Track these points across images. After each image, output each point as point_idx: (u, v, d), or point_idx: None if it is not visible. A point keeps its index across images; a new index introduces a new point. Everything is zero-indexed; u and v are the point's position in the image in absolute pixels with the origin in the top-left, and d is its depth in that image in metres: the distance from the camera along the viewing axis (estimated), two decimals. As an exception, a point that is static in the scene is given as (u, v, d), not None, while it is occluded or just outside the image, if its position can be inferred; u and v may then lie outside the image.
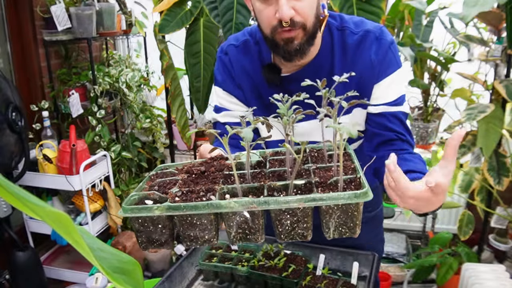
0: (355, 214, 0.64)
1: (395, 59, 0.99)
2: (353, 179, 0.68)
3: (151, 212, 0.66)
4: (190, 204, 0.65)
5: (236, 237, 0.67)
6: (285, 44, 0.93)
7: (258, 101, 1.07)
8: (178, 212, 0.65)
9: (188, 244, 0.69)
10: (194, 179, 0.76)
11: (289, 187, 0.67)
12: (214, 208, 0.64)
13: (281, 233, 0.67)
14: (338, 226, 0.65)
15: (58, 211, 0.20)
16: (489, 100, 2.01)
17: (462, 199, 2.35)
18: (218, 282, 1.08)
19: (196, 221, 0.67)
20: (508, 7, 1.70)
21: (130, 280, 0.20)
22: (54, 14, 2.24)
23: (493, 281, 1.59)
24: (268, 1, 0.90)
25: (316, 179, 0.68)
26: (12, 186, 0.21)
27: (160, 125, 2.83)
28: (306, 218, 0.65)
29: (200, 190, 0.69)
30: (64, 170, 2.04)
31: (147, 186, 0.77)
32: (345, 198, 0.61)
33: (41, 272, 2.10)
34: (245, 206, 0.63)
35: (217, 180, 0.73)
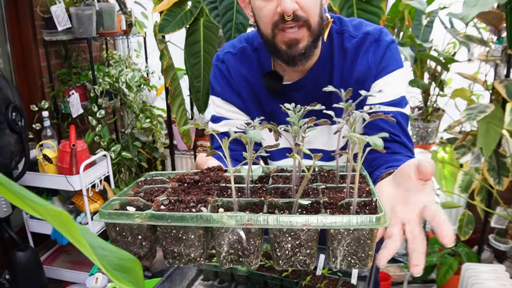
0: (368, 243, 0.54)
1: (394, 59, 0.96)
2: (368, 203, 0.58)
3: (131, 220, 0.57)
4: (177, 214, 0.55)
5: (227, 259, 0.58)
6: (288, 48, 0.88)
7: (258, 109, 1.04)
8: (162, 222, 0.56)
9: (171, 262, 0.60)
10: (186, 188, 0.67)
11: (293, 206, 0.58)
12: (203, 222, 0.54)
13: (279, 258, 0.57)
14: (347, 256, 0.56)
15: (59, 209, 0.20)
16: (489, 100, 2.01)
17: (462, 199, 2.35)
18: (218, 282, 1.08)
19: (182, 235, 0.57)
20: (508, 7, 1.70)
21: (131, 277, 0.20)
22: (54, 14, 2.24)
23: (493, 281, 1.59)
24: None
25: (325, 199, 0.59)
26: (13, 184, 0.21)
27: (160, 125, 2.83)
28: (311, 243, 0.56)
29: (191, 200, 0.60)
30: (64, 170, 2.04)
31: (133, 192, 0.68)
32: (358, 223, 0.52)
33: (41, 272, 2.10)
34: (240, 222, 0.54)
35: (211, 191, 0.64)
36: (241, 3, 0.97)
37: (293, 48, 0.87)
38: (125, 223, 0.58)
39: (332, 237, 0.55)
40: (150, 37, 2.67)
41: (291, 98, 0.99)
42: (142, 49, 3.05)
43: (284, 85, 0.99)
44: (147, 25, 2.79)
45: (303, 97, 0.99)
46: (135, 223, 0.58)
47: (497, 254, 2.29)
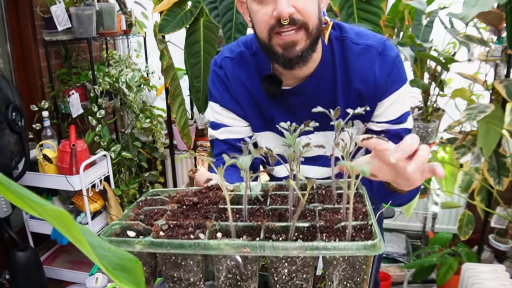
0: (363, 268, 0.56)
1: (400, 76, 0.93)
2: (363, 226, 0.59)
3: (131, 247, 0.58)
4: (175, 241, 0.57)
5: (225, 283, 0.60)
6: (285, 50, 0.86)
7: (257, 115, 1.02)
8: (161, 249, 0.57)
9: (171, 286, 0.62)
10: (185, 210, 0.68)
11: (289, 230, 0.59)
12: (201, 249, 0.56)
13: (276, 282, 0.58)
14: (342, 280, 0.57)
15: (59, 209, 0.20)
16: (489, 100, 2.01)
17: (462, 199, 2.35)
18: (218, 282, 1.08)
19: (181, 261, 0.59)
20: (508, 7, 1.70)
21: (131, 277, 0.20)
22: (54, 14, 2.24)
23: (493, 281, 1.59)
24: (265, 1, 0.84)
25: (321, 223, 0.60)
26: (13, 184, 0.21)
27: (160, 125, 2.83)
28: (307, 268, 0.57)
29: (189, 225, 0.61)
30: (64, 170, 2.04)
31: (133, 213, 0.70)
32: (352, 249, 0.53)
33: (41, 272, 2.10)
34: (237, 249, 0.55)
35: (209, 214, 0.65)
36: (240, 8, 0.95)
37: (289, 50, 0.85)
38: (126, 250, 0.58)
39: (328, 262, 0.56)
40: (150, 37, 2.67)
41: (290, 104, 0.98)
42: (142, 49, 3.05)
43: (284, 90, 0.97)
44: (147, 25, 2.79)
45: (302, 103, 0.97)
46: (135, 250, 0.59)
47: (497, 254, 2.29)
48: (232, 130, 1.03)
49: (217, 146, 1.05)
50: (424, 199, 2.46)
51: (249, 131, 1.06)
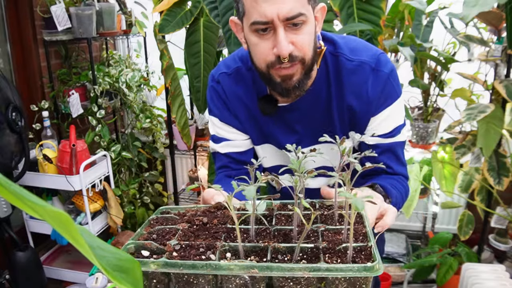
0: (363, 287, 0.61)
1: (393, 90, 0.94)
2: (363, 248, 0.64)
3: (147, 267, 0.63)
4: (188, 262, 0.62)
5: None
6: (283, 81, 0.88)
7: (256, 130, 1.04)
8: (175, 269, 0.62)
9: None
10: (195, 230, 0.73)
11: (294, 251, 0.64)
12: (212, 269, 0.61)
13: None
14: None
15: (58, 210, 0.20)
16: (489, 100, 2.01)
17: (462, 199, 2.35)
18: (218, 282, 1.08)
19: (193, 280, 0.64)
20: (508, 7, 1.70)
21: (129, 278, 0.20)
22: (54, 14, 2.24)
23: (493, 281, 1.59)
24: (265, 36, 0.84)
25: (324, 245, 0.65)
26: (12, 185, 0.21)
27: (160, 125, 2.83)
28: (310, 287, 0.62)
29: (200, 245, 0.66)
30: (64, 170, 2.04)
31: (146, 232, 0.74)
32: (353, 271, 0.58)
33: (41, 272, 2.10)
34: (246, 270, 0.60)
35: (219, 234, 0.71)
36: (233, 27, 0.95)
37: (287, 82, 0.87)
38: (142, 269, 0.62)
39: (330, 282, 0.60)
40: (150, 37, 2.67)
41: (287, 120, 1.00)
42: (142, 49, 3.05)
43: (280, 107, 0.99)
44: (147, 25, 2.79)
45: (298, 118, 0.99)
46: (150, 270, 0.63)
47: (497, 254, 2.30)
48: (233, 144, 1.06)
49: (219, 160, 1.09)
50: (424, 199, 2.46)
51: (250, 143, 1.09)
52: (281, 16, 0.81)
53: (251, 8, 0.84)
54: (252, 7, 0.84)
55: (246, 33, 0.89)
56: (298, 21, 0.83)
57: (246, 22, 0.87)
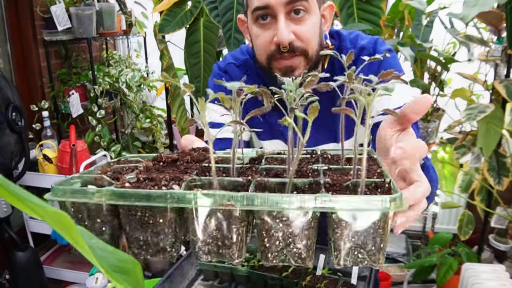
0: (379, 233, 0.43)
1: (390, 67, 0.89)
2: (380, 184, 0.47)
3: (88, 198, 0.47)
4: (141, 191, 0.45)
5: (203, 250, 0.48)
6: (284, 75, 0.85)
7: (263, 124, 1.02)
8: (124, 201, 0.45)
9: (136, 253, 0.49)
10: (160, 167, 0.56)
11: (286, 187, 0.47)
12: (174, 201, 0.44)
13: (268, 250, 0.46)
14: (353, 249, 0.45)
15: (58, 211, 0.20)
16: (489, 100, 2.01)
17: (462, 199, 2.35)
18: (218, 282, 1.08)
19: (149, 218, 0.47)
20: (508, 7, 1.70)
21: (130, 279, 0.20)
22: (54, 14, 2.24)
23: (493, 281, 1.59)
24: (266, 25, 0.83)
25: (327, 180, 0.48)
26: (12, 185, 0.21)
27: (160, 125, 2.83)
28: (307, 231, 0.45)
29: (163, 178, 0.49)
30: (64, 170, 2.04)
31: (100, 171, 0.57)
32: (368, 205, 0.42)
33: (41, 272, 2.10)
34: (219, 202, 0.44)
35: (190, 170, 0.54)
36: (240, 26, 0.95)
37: (288, 75, 0.84)
38: (81, 202, 0.48)
39: (334, 225, 0.45)
40: (150, 37, 2.67)
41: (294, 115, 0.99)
42: (142, 49, 3.05)
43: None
44: (147, 25, 2.79)
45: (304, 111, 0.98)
46: (93, 202, 0.47)
47: (497, 254, 2.30)
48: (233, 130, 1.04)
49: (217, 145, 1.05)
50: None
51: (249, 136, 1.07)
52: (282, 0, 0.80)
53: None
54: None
55: (249, 26, 0.88)
56: (299, 7, 0.82)
57: (249, 13, 0.87)
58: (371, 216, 0.43)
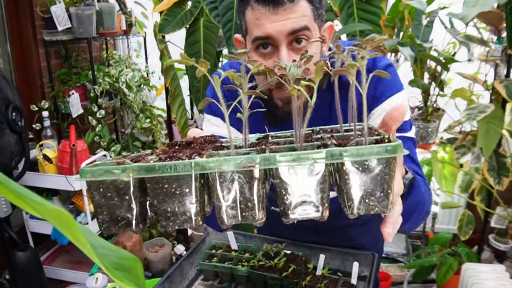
0: (386, 179, 0.49)
1: (390, 83, 0.91)
2: (380, 140, 0.54)
3: (117, 175, 0.51)
4: (168, 163, 0.49)
5: (228, 213, 0.52)
6: (285, 104, 0.85)
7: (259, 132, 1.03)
8: (152, 174, 0.50)
9: (164, 224, 0.53)
10: (177, 150, 0.60)
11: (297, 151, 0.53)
12: (199, 168, 0.49)
13: (288, 207, 0.51)
14: (364, 197, 0.50)
15: (59, 209, 0.20)
16: (489, 100, 2.01)
17: (462, 199, 2.35)
18: (218, 282, 1.08)
19: (175, 189, 0.51)
20: (508, 7, 1.70)
21: (131, 276, 0.20)
22: (54, 14, 2.24)
23: (493, 281, 1.59)
24: (267, 54, 0.83)
25: (333, 141, 0.54)
26: (13, 184, 0.21)
27: (160, 125, 2.83)
28: (322, 185, 0.50)
29: (184, 155, 0.53)
30: (64, 170, 2.04)
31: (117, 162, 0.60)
32: (375, 152, 0.47)
33: (41, 272, 2.10)
34: (241, 165, 0.48)
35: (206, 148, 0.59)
36: (237, 46, 0.93)
37: (289, 105, 0.84)
38: (111, 180, 0.52)
39: (345, 176, 0.50)
40: (150, 37, 2.67)
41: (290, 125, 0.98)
42: (142, 49, 3.05)
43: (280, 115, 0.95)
44: (147, 25, 2.79)
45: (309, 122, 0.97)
46: (122, 180, 0.51)
47: (497, 254, 2.30)
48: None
49: None
50: (424, 199, 2.46)
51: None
52: (284, 32, 0.79)
53: (253, 26, 0.82)
54: (254, 24, 0.82)
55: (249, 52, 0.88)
56: (302, 36, 0.81)
57: (249, 39, 0.86)
58: (378, 163, 0.49)
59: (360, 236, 1.14)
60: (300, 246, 1.11)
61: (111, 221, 0.54)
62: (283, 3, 0.79)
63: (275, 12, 0.79)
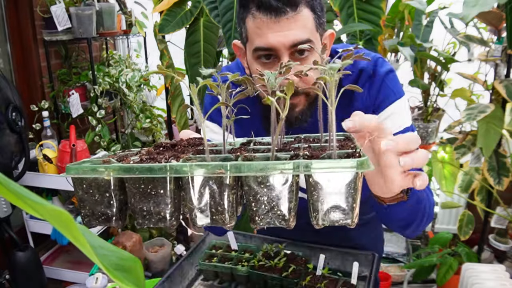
0: (351, 193, 0.50)
1: (391, 90, 0.90)
2: (351, 154, 0.54)
3: (98, 173, 0.54)
4: (145, 165, 0.52)
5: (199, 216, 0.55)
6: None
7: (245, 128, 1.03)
8: (130, 174, 0.52)
9: (140, 222, 0.56)
10: (161, 151, 0.63)
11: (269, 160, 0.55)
12: (172, 172, 0.51)
13: (255, 213, 0.52)
14: (328, 210, 0.51)
15: (59, 209, 0.20)
16: (489, 100, 2.01)
17: (462, 199, 2.35)
18: (218, 282, 1.08)
19: (151, 190, 0.54)
20: (508, 7, 1.70)
21: (131, 276, 0.20)
22: (54, 14, 2.24)
23: (493, 281, 1.59)
24: (268, 64, 0.82)
25: (305, 153, 0.54)
26: (13, 184, 0.21)
27: (160, 125, 2.83)
28: (289, 195, 0.51)
29: (163, 157, 0.56)
30: (64, 170, 2.04)
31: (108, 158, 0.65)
32: (339, 166, 0.48)
33: (41, 272, 2.10)
34: (211, 171, 0.50)
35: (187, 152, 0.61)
36: (236, 51, 0.92)
37: (289, 113, 0.82)
38: (92, 177, 0.55)
39: (311, 188, 0.51)
40: (150, 37, 2.67)
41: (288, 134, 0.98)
42: (142, 49, 3.05)
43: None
44: (147, 25, 2.79)
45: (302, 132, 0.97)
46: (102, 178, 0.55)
47: (497, 254, 2.30)
48: None
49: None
50: (424, 199, 2.46)
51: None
52: (286, 43, 0.78)
53: (254, 35, 0.81)
54: (255, 33, 0.80)
55: (248, 60, 0.86)
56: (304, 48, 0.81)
57: (249, 47, 0.84)
58: (343, 177, 0.50)
59: (360, 236, 1.14)
60: (300, 246, 1.11)
61: (92, 216, 0.58)
62: (286, 12, 0.77)
63: (277, 21, 0.78)
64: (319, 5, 0.82)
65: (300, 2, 0.78)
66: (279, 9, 0.77)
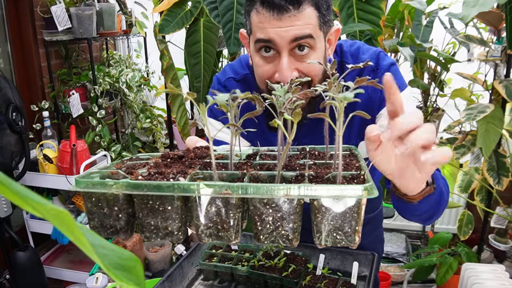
0: (354, 217, 0.51)
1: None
2: (356, 176, 0.55)
3: (107, 189, 0.54)
4: (153, 183, 0.52)
5: (205, 232, 0.55)
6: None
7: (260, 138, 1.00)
8: (138, 191, 0.53)
9: (147, 236, 0.57)
10: (168, 163, 0.64)
11: (275, 179, 0.56)
12: (180, 191, 0.52)
13: (260, 232, 0.54)
14: (332, 231, 0.52)
15: (60, 208, 0.20)
16: (489, 100, 2.01)
17: (462, 199, 2.36)
18: (218, 282, 1.08)
19: (159, 206, 0.55)
20: (508, 7, 1.70)
21: (131, 276, 0.21)
22: (54, 14, 2.24)
23: (493, 281, 1.59)
24: (268, 58, 0.83)
25: (311, 172, 0.56)
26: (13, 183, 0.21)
27: (160, 125, 2.83)
28: (293, 216, 0.53)
29: (171, 172, 0.57)
30: (64, 170, 2.04)
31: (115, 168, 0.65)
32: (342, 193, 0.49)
33: (42, 272, 2.10)
34: (218, 191, 0.51)
35: (193, 165, 0.61)
36: (243, 40, 0.93)
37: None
38: (101, 192, 0.55)
39: (316, 210, 0.52)
40: (150, 37, 2.67)
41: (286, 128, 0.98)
42: (142, 49, 3.05)
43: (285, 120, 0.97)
44: (147, 25, 2.79)
45: (305, 133, 0.96)
46: (111, 193, 0.55)
47: (496, 254, 2.30)
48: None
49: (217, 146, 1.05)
50: (424, 199, 2.46)
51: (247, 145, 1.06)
52: (286, 38, 0.79)
53: (256, 28, 0.83)
54: (257, 27, 0.82)
55: (251, 51, 0.88)
56: (305, 44, 0.81)
57: (252, 39, 0.86)
58: (347, 202, 0.51)
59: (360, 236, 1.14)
60: (300, 246, 1.11)
61: (101, 228, 0.58)
62: (288, 9, 0.78)
63: (280, 18, 0.79)
64: (325, 3, 0.82)
65: (303, 0, 0.79)
66: (282, 6, 0.78)
